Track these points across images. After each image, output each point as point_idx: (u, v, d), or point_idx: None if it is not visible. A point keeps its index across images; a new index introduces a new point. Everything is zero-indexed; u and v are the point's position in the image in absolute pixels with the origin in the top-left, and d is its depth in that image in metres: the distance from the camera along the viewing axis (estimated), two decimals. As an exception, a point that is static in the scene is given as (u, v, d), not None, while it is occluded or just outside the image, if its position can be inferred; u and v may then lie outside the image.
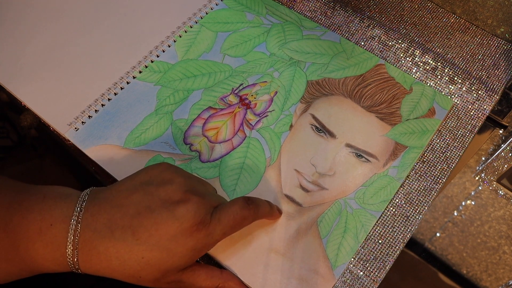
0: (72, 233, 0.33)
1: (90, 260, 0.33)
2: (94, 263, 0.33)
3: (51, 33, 0.51)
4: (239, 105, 0.47)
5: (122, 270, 0.33)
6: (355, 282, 0.40)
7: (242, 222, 0.37)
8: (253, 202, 0.38)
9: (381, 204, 0.42)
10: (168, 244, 0.33)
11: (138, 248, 0.33)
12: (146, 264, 0.33)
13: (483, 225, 0.53)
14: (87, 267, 0.34)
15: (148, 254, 0.33)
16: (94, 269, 0.34)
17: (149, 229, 0.33)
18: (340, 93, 0.48)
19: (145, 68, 0.49)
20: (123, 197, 0.35)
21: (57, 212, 0.34)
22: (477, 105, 0.47)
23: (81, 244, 0.33)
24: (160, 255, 0.33)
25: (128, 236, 0.33)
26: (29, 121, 0.51)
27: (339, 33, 0.52)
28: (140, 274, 0.34)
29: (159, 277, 0.34)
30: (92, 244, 0.33)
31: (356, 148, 0.45)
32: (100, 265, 0.33)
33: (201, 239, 0.34)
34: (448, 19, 0.52)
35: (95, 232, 0.33)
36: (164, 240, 0.33)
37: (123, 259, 0.33)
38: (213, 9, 0.54)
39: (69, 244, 0.33)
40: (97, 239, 0.33)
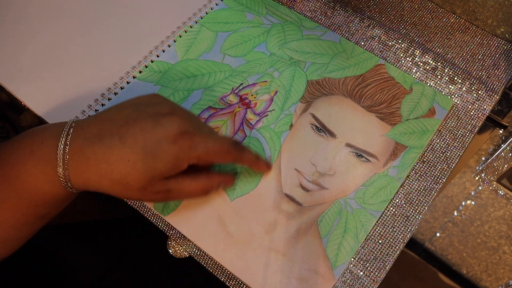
0: (62, 144, 0.34)
1: (79, 167, 0.34)
2: (83, 169, 0.34)
3: (51, 33, 0.51)
4: (239, 104, 0.47)
5: (110, 174, 0.34)
6: (355, 282, 0.40)
7: (224, 155, 0.38)
8: (239, 144, 0.39)
9: (381, 204, 0.42)
10: (153, 148, 0.34)
11: (124, 151, 0.34)
12: (132, 167, 0.34)
13: (483, 225, 0.53)
14: (77, 175, 0.34)
15: (134, 156, 0.34)
16: (84, 177, 0.34)
17: (135, 135, 0.34)
18: (340, 93, 0.48)
19: (145, 68, 0.49)
20: (113, 113, 0.36)
21: (47, 132, 0.35)
22: (477, 105, 0.47)
23: (71, 153, 0.34)
24: (144, 158, 0.34)
25: (115, 141, 0.34)
26: (29, 121, 0.51)
27: (339, 33, 0.52)
28: (127, 179, 0.34)
29: (146, 185, 0.35)
30: (81, 151, 0.34)
31: (356, 148, 0.45)
32: (89, 172, 0.34)
33: (184, 149, 0.35)
34: (448, 19, 0.52)
35: (84, 140, 0.34)
36: (149, 144, 0.34)
37: (110, 162, 0.34)
38: (213, 9, 0.54)
39: (59, 156, 0.34)
40: (86, 145, 0.34)
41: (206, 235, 0.41)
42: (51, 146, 0.34)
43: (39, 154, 0.34)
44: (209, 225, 0.42)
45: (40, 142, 0.35)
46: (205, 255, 0.41)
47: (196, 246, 0.42)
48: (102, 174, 0.34)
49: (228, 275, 0.41)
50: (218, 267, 0.41)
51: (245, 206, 0.42)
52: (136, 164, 0.34)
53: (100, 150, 0.34)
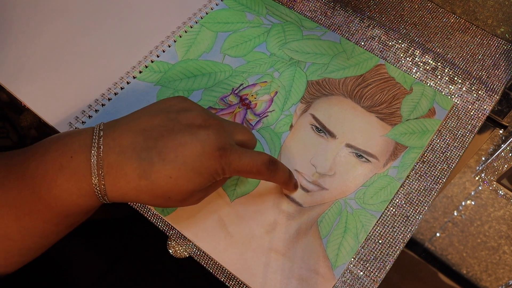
0: (95, 159, 0.33)
1: (117, 183, 0.33)
2: (121, 185, 0.33)
3: (51, 33, 0.51)
4: (239, 105, 0.47)
5: (151, 190, 0.33)
6: (355, 282, 0.40)
7: (256, 175, 0.37)
8: (275, 164, 0.38)
9: (381, 204, 0.42)
10: (194, 163, 0.33)
11: (165, 168, 0.33)
12: (174, 183, 0.33)
13: (483, 225, 0.53)
14: (114, 191, 0.33)
15: (176, 173, 0.33)
16: (121, 192, 0.33)
17: (175, 150, 0.33)
18: (340, 93, 0.48)
19: (145, 68, 0.49)
20: (144, 122, 0.35)
21: (75, 144, 0.33)
22: (477, 105, 0.47)
23: (106, 168, 0.33)
24: (187, 174, 0.33)
25: (154, 156, 0.33)
26: (29, 121, 0.51)
27: (339, 33, 0.52)
28: (168, 194, 0.34)
29: (187, 197, 0.35)
30: (118, 166, 0.33)
31: (356, 148, 0.45)
32: (127, 187, 0.33)
33: (222, 164, 0.35)
34: (448, 19, 0.52)
35: (120, 155, 0.33)
36: (190, 160, 0.33)
37: (151, 178, 0.33)
38: (213, 9, 0.54)
39: (93, 170, 0.33)
40: (122, 161, 0.33)
41: (206, 235, 0.41)
42: (82, 160, 0.33)
43: (70, 169, 0.33)
44: (209, 225, 0.42)
45: (69, 155, 0.33)
46: (205, 255, 0.41)
47: (196, 246, 0.42)
48: (142, 190, 0.33)
49: (228, 275, 0.41)
50: (218, 267, 0.41)
51: (245, 207, 0.42)
52: (179, 181, 0.33)
53: (138, 165, 0.33)
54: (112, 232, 0.55)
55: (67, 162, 0.33)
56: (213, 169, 0.34)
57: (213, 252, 0.41)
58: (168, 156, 0.33)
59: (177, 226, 0.42)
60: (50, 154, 0.33)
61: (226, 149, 0.35)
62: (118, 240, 0.55)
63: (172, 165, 0.33)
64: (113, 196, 0.34)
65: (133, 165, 0.33)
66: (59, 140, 0.34)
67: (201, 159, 0.33)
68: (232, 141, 0.36)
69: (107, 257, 0.54)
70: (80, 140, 0.34)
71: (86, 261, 0.53)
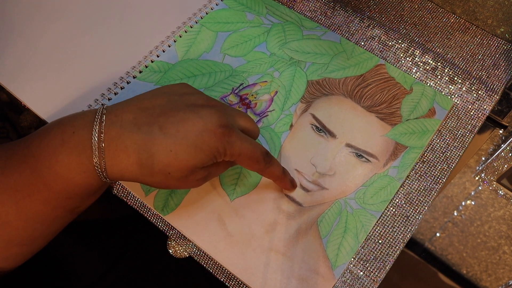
0: (97, 132, 0.32)
1: (117, 156, 0.33)
2: (121, 159, 0.33)
3: (51, 33, 0.51)
4: (239, 104, 0.47)
5: (151, 164, 0.33)
6: (355, 282, 0.40)
7: (253, 161, 0.37)
8: (270, 157, 0.38)
9: (381, 204, 0.42)
10: (195, 139, 0.33)
11: (166, 141, 0.32)
12: (174, 158, 0.33)
13: (483, 225, 0.53)
14: (114, 165, 0.33)
15: (177, 147, 0.33)
16: (121, 166, 0.33)
17: (176, 125, 0.33)
18: (340, 93, 0.48)
19: (145, 68, 0.49)
20: (147, 102, 0.35)
21: (78, 121, 0.34)
22: (477, 105, 0.47)
23: (107, 142, 0.33)
24: (187, 150, 0.33)
25: (155, 130, 0.33)
26: (29, 121, 0.51)
27: (339, 33, 0.52)
28: (168, 169, 0.33)
29: (188, 174, 0.34)
30: (119, 139, 0.32)
31: (356, 148, 0.45)
32: (128, 161, 0.33)
33: (224, 143, 0.34)
34: (448, 19, 0.52)
35: (121, 128, 0.33)
36: (191, 136, 0.33)
37: (151, 152, 0.32)
38: (213, 9, 0.54)
39: (94, 144, 0.32)
40: (124, 133, 0.33)
41: (206, 235, 0.41)
42: (83, 134, 0.33)
43: (72, 144, 0.33)
44: (209, 225, 0.42)
45: (71, 131, 0.33)
46: (205, 255, 0.41)
47: (196, 246, 0.42)
48: (142, 164, 0.33)
49: (228, 275, 0.41)
50: (218, 267, 0.41)
51: (245, 206, 0.42)
52: (179, 155, 0.33)
53: (140, 139, 0.32)
54: (112, 232, 0.55)
55: (68, 137, 0.33)
56: (214, 146, 0.34)
57: (213, 252, 0.41)
58: (169, 131, 0.33)
59: (177, 225, 0.42)
60: (52, 131, 0.34)
61: (228, 128, 0.34)
62: (118, 240, 0.55)
63: (173, 139, 0.33)
64: (113, 172, 0.33)
65: (133, 138, 0.32)
66: (62, 120, 0.35)
67: (203, 135, 0.33)
68: (235, 124, 0.36)
69: (107, 257, 0.54)
70: (84, 117, 0.34)
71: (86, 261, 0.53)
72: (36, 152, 0.33)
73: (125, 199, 0.44)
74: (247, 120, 0.38)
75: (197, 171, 0.35)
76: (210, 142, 0.34)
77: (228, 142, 0.34)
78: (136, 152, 0.32)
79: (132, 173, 0.33)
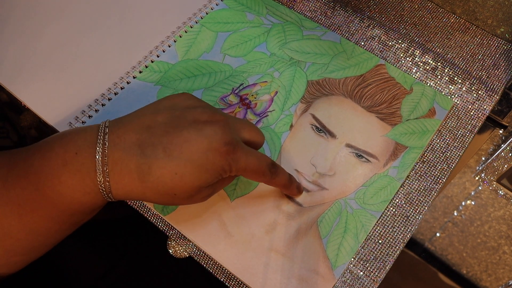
0: (100, 155, 0.32)
1: (122, 180, 0.33)
2: (126, 182, 0.33)
3: (52, 33, 0.51)
4: (239, 105, 0.47)
5: (156, 187, 0.33)
6: (355, 282, 0.40)
7: (260, 176, 0.37)
8: (276, 167, 0.38)
9: (381, 204, 0.42)
10: (199, 160, 0.33)
11: (171, 164, 0.32)
12: (180, 180, 0.33)
13: (483, 225, 0.53)
14: (119, 188, 0.33)
15: (182, 169, 0.32)
16: (126, 189, 0.33)
17: (180, 146, 0.33)
18: (340, 93, 0.48)
19: (145, 68, 0.49)
20: (149, 119, 0.34)
21: (80, 141, 0.33)
22: (477, 105, 0.47)
23: (111, 165, 0.32)
24: (193, 171, 0.33)
25: (159, 152, 0.32)
26: (29, 121, 0.51)
27: (339, 33, 0.52)
28: (174, 191, 0.33)
29: (193, 194, 0.34)
30: (123, 162, 0.32)
31: (357, 148, 0.45)
32: (133, 184, 0.33)
33: (229, 161, 0.34)
34: (448, 19, 0.52)
35: (124, 151, 0.32)
36: (195, 156, 0.33)
37: (156, 175, 0.32)
38: (213, 9, 0.54)
39: (98, 166, 0.32)
40: (127, 157, 0.32)
41: (206, 235, 0.41)
42: (87, 156, 0.32)
43: (75, 166, 0.32)
44: (209, 225, 0.42)
45: (73, 151, 0.33)
46: (205, 255, 0.41)
47: (196, 246, 0.42)
48: (147, 187, 0.33)
49: (228, 275, 0.41)
50: (218, 267, 0.41)
51: (245, 206, 0.42)
52: (184, 177, 0.33)
53: (143, 162, 0.32)
54: (112, 232, 0.55)
55: (71, 158, 0.32)
56: (219, 165, 0.34)
57: (213, 252, 0.41)
58: (174, 152, 0.32)
59: (177, 226, 0.42)
60: (54, 150, 0.33)
61: (233, 145, 0.34)
62: (118, 240, 0.55)
63: (177, 161, 0.32)
64: (118, 194, 0.33)
65: (138, 161, 0.32)
66: (64, 137, 0.34)
67: (207, 155, 0.33)
68: (239, 138, 0.36)
69: (107, 257, 0.54)
70: (86, 137, 0.33)
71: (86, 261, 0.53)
72: (38, 170, 0.33)
73: None
74: (251, 130, 0.38)
75: (203, 190, 0.35)
76: (215, 161, 0.33)
77: (233, 159, 0.34)
78: (141, 175, 0.32)
79: (138, 194, 0.33)
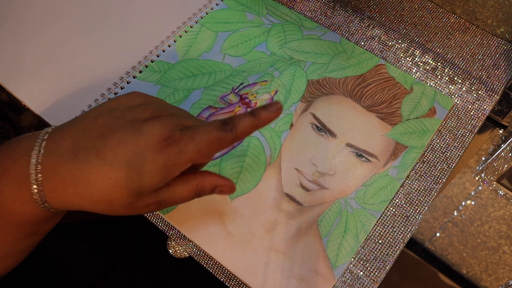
0: (35, 162, 0.31)
1: (55, 187, 0.31)
2: (60, 190, 0.31)
3: (52, 33, 0.51)
4: (239, 104, 0.47)
5: (90, 194, 0.30)
6: (355, 282, 0.40)
7: (219, 143, 0.32)
8: (229, 122, 0.33)
9: (381, 204, 0.42)
10: (135, 161, 0.30)
11: (103, 169, 0.30)
12: (114, 185, 0.30)
13: (483, 225, 0.53)
14: (54, 197, 0.31)
15: (115, 173, 0.30)
16: (61, 198, 0.31)
17: (114, 148, 0.30)
18: (341, 93, 0.48)
19: (146, 68, 0.49)
20: (88, 122, 0.32)
21: (20, 148, 0.32)
22: (477, 105, 0.47)
23: (44, 172, 0.31)
24: (127, 174, 0.30)
25: (92, 157, 0.30)
26: (29, 121, 0.51)
27: (339, 33, 0.52)
28: (110, 197, 0.31)
29: (133, 200, 0.31)
30: (55, 169, 0.30)
31: (357, 147, 0.45)
32: (66, 192, 0.31)
33: (172, 155, 0.31)
34: (448, 19, 0.52)
35: (57, 157, 0.31)
36: (131, 158, 0.30)
37: (88, 181, 0.30)
38: (213, 9, 0.54)
39: (32, 174, 0.31)
40: (60, 163, 0.30)
41: (206, 234, 0.41)
42: (23, 164, 0.31)
43: (12, 174, 0.31)
44: (209, 224, 0.42)
45: (12, 159, 0.31)
46: (205, 255, 0.41)
47: (196, 246, 0.42)
48: (81, 195, 0.31)
49: (228, 275, 0.41)
50: (218, 267, 0.41)
51: (245, 206, 0.42)
52: (119, 182, 0.30)
53: (76, 168, 0.30)
54: (111, 232, 0.55)
55: (10, 166, 0.31)
56: (160, 163, 0.31)
57: (213, 251, 0.41)
58: (107, 156, 0.30)
59: (177, 225, 0.42)
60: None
61: (174, 137, 0.31)
62: (117, 240, 0.55)
63: (111, 165, 0.30)
64: (55, 203, 0.32)
65: (70, 167, 0.30)
66: (10, 143, 0.33)
67: (145, 155, 0.30)
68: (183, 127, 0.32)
69: (106, 257, 0.54)
70: (26, 144, 0.32)
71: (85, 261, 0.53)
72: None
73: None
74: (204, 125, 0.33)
75: (145, 196, 0.32)
76: (154, 160, 0.30)
77: (177, 152, 0.31)
78: (73, 183, 0.30)
79: (74, 203, 0.31)
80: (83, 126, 0.32)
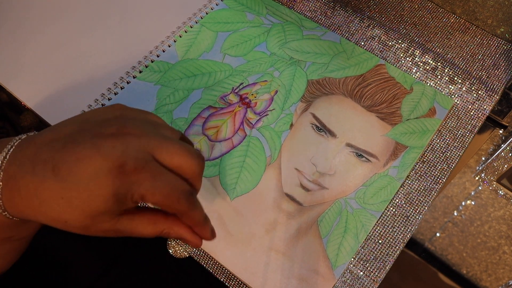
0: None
1: (13, 198, 0.29)
2: (16, 202, 0.29)
3: (52, 33, 0.51)
4: (239, 104, 0.47)
5: (44, 211, 0.29)
6: (355, 282, 0.40)
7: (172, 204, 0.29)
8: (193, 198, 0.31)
9: (381, 204, 0.42)
10: (88, 183, 0.28)
11: (56, 186, 0.28)
12: (67, 206, 0.28)
13: (483, 225, 0.53)
14: (12, 207, 0.30)
15: (68, 193, 0.28)
16: (19, 209, 0.30)
17: (70, 165, 0.28)
18: (341, 93, 0.48)
19: (146, 68, 0.49)
20: (56, 131, 0.31)
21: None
22: (477, 105, 0.47)
23: (5, 181, 0.29)
24: (79, 196, 0.28)
25: (48, 171, 0.28)
26: (29, 121, 0.51)
27: (339, 33, 0.52)
28: (64, 217, 0.29)
29: (89, 224, 0.29)
30: (15, 179, 0.29)
31: (357, 147, 0.45)
32: (22, 205, 0.29)
33: (125, 185, 0.28)
34: (448, 19, 0.52)
35: (19, 167, 0.29)
36: (84, 179, 0.28)
37: (42, 198, 0.28)
38: (213, 9, 0.54)
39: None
40: (19, 174, 0.29)
41: (206, 234, 0.41)
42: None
43: None
44: (209, 224, 0.42)
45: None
46: (205, 255, 0.41)
47: (196, 246, 0.42)
48: (35, 210, 0.29)
49: (228, 275, 0.41)
50: (218, 267, 0.41)
51: (245, 206, 0.42)
52: (72, 202, 0.28)
53: (31, 182, 0.28)
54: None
55: None
56: (113, 189, 0.28)
57: (213, 251, 0.41)
58: (61, 172, 0.28)
59: (177, 225, 0.42)
60: None
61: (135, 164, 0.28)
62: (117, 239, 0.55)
63: (64, 184, 0.28)
64: (14, 213, 0.30)
65: (26, 180, 0.29)
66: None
67: (99, 177, 0.28)
68: (150, 157, 0.29)
69: (106, 257, 0.54)
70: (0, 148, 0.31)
71: (85, 261, 0.53)
72: None
73: None
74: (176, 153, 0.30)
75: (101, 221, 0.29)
76: (107, 184, 0.28)
77: (132, 182, 0.28)
78: (28, 197, 0.29)
79: (30, 216, 0.30)
80: (51, 136, 0.30)
